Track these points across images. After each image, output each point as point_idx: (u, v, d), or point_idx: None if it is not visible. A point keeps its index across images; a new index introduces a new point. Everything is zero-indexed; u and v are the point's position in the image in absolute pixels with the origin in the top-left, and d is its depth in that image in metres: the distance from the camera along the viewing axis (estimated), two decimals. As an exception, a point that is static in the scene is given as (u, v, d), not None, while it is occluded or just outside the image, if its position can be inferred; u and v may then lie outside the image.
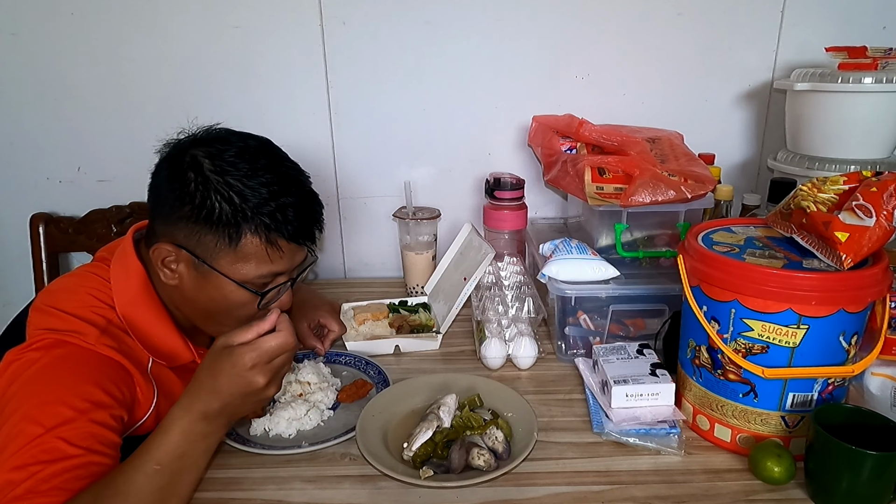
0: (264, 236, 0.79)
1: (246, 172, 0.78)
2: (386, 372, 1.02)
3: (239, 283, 0.80)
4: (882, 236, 0.73)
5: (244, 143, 0.81)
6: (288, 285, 0.86)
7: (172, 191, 0.78)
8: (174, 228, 0.79)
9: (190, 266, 0.80)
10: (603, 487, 0.78)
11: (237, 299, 0.82)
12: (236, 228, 0.77)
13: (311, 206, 0.85)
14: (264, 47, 1.34)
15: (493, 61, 1.35)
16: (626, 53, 1.35)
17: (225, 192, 0.77)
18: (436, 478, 0.77)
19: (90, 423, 0.70)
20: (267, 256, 0.80)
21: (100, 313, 0.80)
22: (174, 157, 0.79)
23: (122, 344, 0.79)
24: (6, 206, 1.46)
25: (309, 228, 0.84)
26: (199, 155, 0.78)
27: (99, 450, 0.70)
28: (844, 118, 1.16)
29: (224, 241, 0.78)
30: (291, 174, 0.83)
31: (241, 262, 0.79)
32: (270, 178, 0.79)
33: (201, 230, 0.78)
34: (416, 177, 1.42)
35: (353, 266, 1.53)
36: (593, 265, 1.04)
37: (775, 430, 0.80)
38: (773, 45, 1.35)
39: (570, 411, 0.94)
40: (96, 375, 0.74)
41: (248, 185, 0.77)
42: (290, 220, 0.80)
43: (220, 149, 0.79)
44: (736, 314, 0.77)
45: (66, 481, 0.66)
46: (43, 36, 1.33)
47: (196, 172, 0.77)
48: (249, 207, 0.77)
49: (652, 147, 1.16)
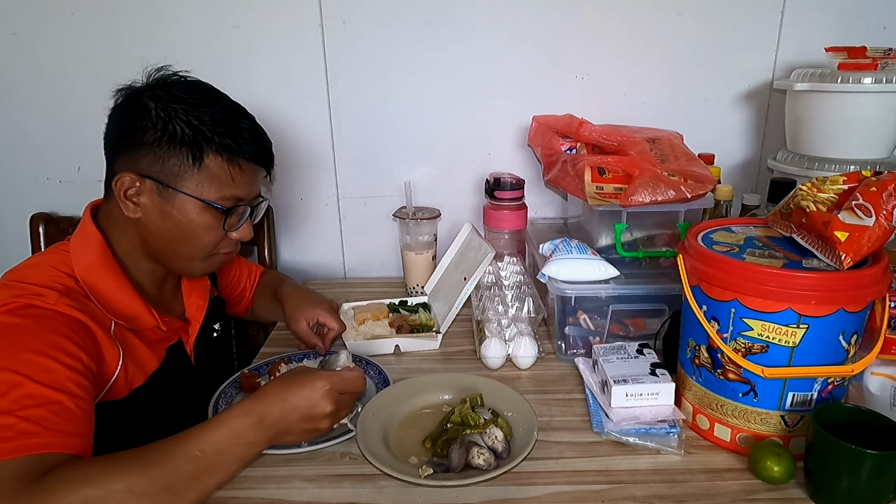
0: (226, 156, 0.84)
1: (200, 101, 0.84)
2: (386, 372, 1.01)
3: (204, 201, 0.84)
4: (882, 236, 0.73)
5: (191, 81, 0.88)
6: (248, 212, 0.91)
7: (133, 123, 0.82)
8: (136, 159, 0.83)
9: (153, 194, 0.84)
10: (603, 487, 0.78)
11: (202, 221, 0.86)
12: (199, 149, 0.83)
13: (262, 133, 0.91)
14: (264, 47, 1.34)
15: (493, 61, 1.36)
16: (626, 53, 1.35)
17: (184, 117, 0.82)
18: (436, 477, 0.77)
19: (64, 368, 0.72)
20: (229, 177, 0.85)
21: (60, 281, 0.82)
22: (131, 96, 0.84)
23: (84, 305, 0.81)
24: (6, 206, 1.46)
25: (264, 151, 0.91)
26: (155, 89, 0.84)
27: (77, 393, 0.72)
28: (844, 118, 1.16)
29: (188, 162, 0.83)
30: (238, 107, 0.90)
31: (205, 183, 0.84)
32: (222, 106, 0.86)
33: (165, 154, 0.82)
34: (416, 177, 1.42)
35: (353, 266, 1.53)
36: (593, 265, 1.04)
37: (775, 430, 0.80)
38: (773, 45, 1.35)
39: (570, 411, 0.94)
40: (60, 328, 0.76)
41: (204, 111, 0.83)
42: (248, 141, 0.86)
43: (173, 83, 0.86)
44: (736, 314, 0.77)
45: (55, 423, 0.68)
46: (43, 36, 1.33)
47: (156, 102, 0.82)
48: (209, 129, 0.83)
49: (652, 147, 1.16)
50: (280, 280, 1.23)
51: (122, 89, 0.86)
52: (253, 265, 1.26)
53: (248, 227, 0.92)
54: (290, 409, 0.75)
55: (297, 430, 0.76)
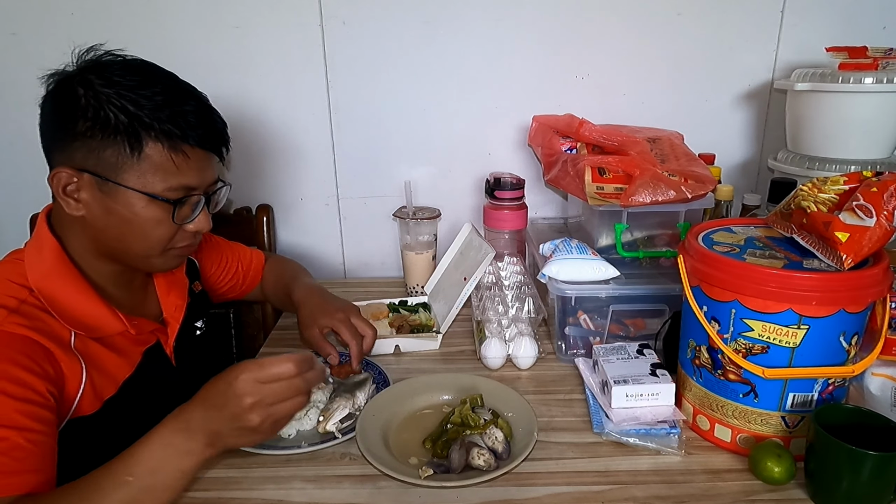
0: (167, 143, 0.76)
1: (137, 83, 0.75)
2: (386, 372, 1.01)
3: (149, 194, 0.77)
4: (882, 236, 0.73)
5: (130, 61, 0.79)
6: (202, 202, 0.83)
7: (63, 112, 0.75)
8: (70, 152, 0.76)
9: (94, 188, 0.77)
10: (603, 487, 0.77)
11: (150, 215, 0.78)
12: (136, 136, 0.74)
13: (211, 114, 0.82)
14: (264, 47, 1.34)
15: (493, 61, 1.35)
16: (626, 53, 1.35)
17: (118, 103, 0.74)
18: (436, 477, 0.77)
19: (14, 401, 0.67)
20: (173, 165, 0.77)
21: (11, 294, 0.75)
22: (61, 82, 0.77)
23: (36, 321, 0.75)
24: (6, 206, 1.46)
25: (213, 135, 0.81)
26: (85, 72, 0.76)
27: (28, 426, 0.67)
28: (845, 118, 1.16)
29: (125, 152, 0.75)
30: (185, 86, 0.81)
31: (147, 174, 0.76)
32: (164, 87, 0.77)
33: (99, 146, 0.74)
34: (416, 177, 1.42)
35: (353, 266, 1.53)
36: (593, 265, 1.04)
37: (775, 431, 0.80)
38: (773, 45, 1.35)
39: (570, 411, 0.94)
40: (9, 353, 0.70)
41: (141, 94, 0.75)
42: (193, 125, 0.77)
43: (106, 64, 0.77)
44: (736, 314, 0.77)
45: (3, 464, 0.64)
46: (43, 36, 1.33)
47: (86, 88, 0.74)
48: (146, 113, 0.75)
49: (652, 147, 1.16)
50: (292, 275, 1.15)
51: (51, 75, 0.78)
52: (248, 250, 1.19)
53: (204, 217, 0.84)
54: (210, 407, 0.67)
55: (229, 431, 0.68)
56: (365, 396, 0.93)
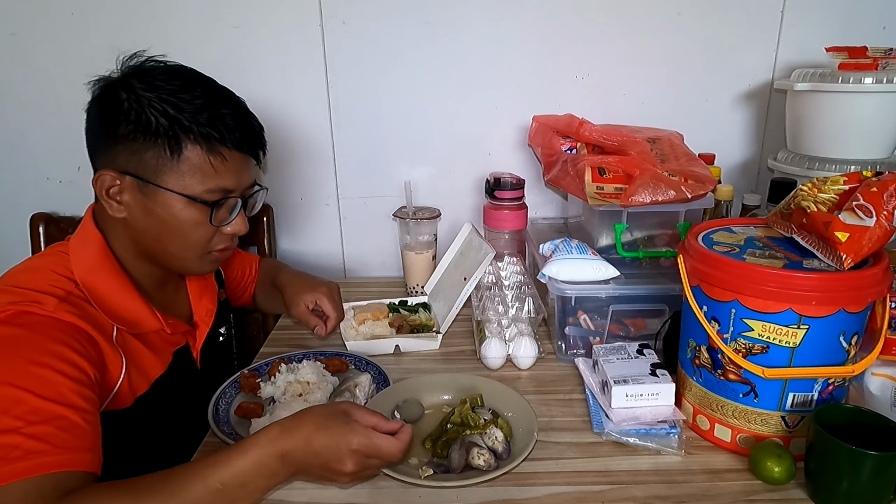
0: (205, 145, 0.78)
1: (178, 87, 0.78)
2: (386, 372, 1.01)
3: (187, 196, 0.79)
4: (882, 236, 0.73)
5: (172, 66, 0.83)
6: (239, 205, 0.85)
7: (106, 116, 0.78)
8: (113, 154, 0.79)
9: (135, 191, 0.79)
10: (603, 487, 0.77)
11: (188, 217, 0.81)
12: (176, 139, 0.77)
13: (249, 118, 0.85)
14: (264, 47, 1.34)
15: (493, 61, 1.35)
16: (626, 53, 1.35)
17: (159, 106, 0.77)
18: (436, 477, 0.77)
19: (67, 380, 0.69)
20: (211, 167, 0.79)
21: (59, 286, 0.78)
22: (105, 87, 0.80)
23: (84, 312, 0.77)
24: (6, 206, 1.46)
25: (250, 138, 0.84)
26: (128, 77, 0.79)
27: (82, 406, 0.69)
28: (844, 118, 1.16)
29: (165, 154, 0.77)
30: (224, 91, 0.84)
31: (186, 176, 0.79)
32: (203, 91, 0.80)
33: (140, 148, 0.77)
34: (416, 177, 1.42)
35: (353, 266, 1.53)
36: (593, 265, 1.04)
37: (775, 430, 0.80)
38: (773, 45, 1.35)
39: (570, 411, 0.94)
40: (61, 336, 0.72)
41: (182, 98, 0.78)
42: (231, 128, 0.80)
43: (149, 70, 0.80)
44: (736, 314, 0.77)
45: (63, 440, 0.65)
46: (43, 36, 1.33)
47: (128, 92, 0.77)
48: (185, 117, 0.77)
49: (652, 147, 1.16)
50: (277, 268, 1.21)
51: (97, 80, 0.81)
52: (249, 255, 1.24)
53: (241, 220, 0.86)
54: (313, 454, 0.68)
55: (316, 474, 0.70)
56: (365, 396, 0.93)
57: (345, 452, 0.67)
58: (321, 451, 0.67)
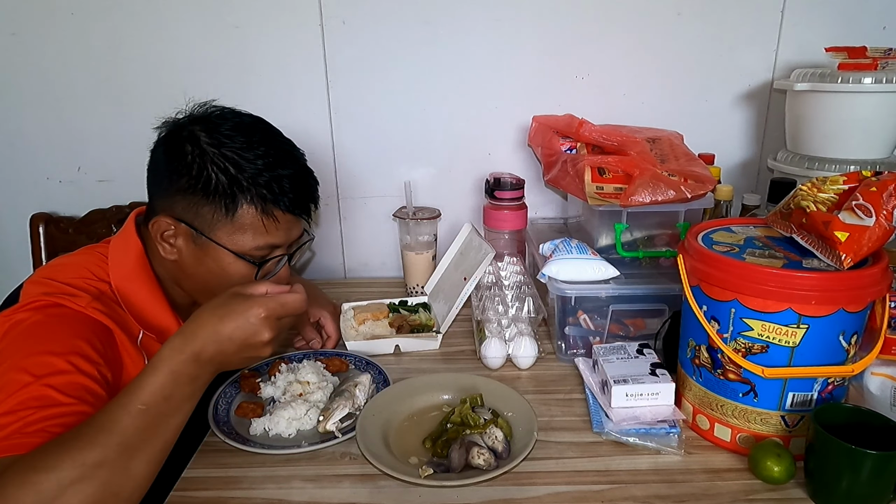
0: (260, 206, 0.82)
1: (242, 145, 0.81)
2: (386, 372, 1.01)
3: (237, 253, 0.82)
4: (882, 236, 0.73)
5: (239, 118, 0.85)
6: (285, 259, 0.89)
7: (170, 165, 0.81)
8: (172, 202, 0.82)
9: (189, 239, 0.83)
10: (603, 487, 0.78)
11: (235, 271, 0.84)
12: (233, 199, 0.80)
13: (306, 179, 0.88)
14: (264, 47, 1.34)
15: (493, 61, 1.35)
16: (626, 53, 1.35)
17: (221, 164, 0.80)
18: (436, 477, 0.77)
19: (79, 374, 0.71)
20: (263, 227, 0.83)
21: (93, 285, 0.81)
22: (172, 133, 0.83)
23: (113, 312, 0.80)
24: (6, 206, 1.46)
25: (304, 200, 0.87)
26: (195, 129, 0.81)
27: (87, 400, 0.71)
28: (844, 118, 1.16)
29: (221, 211, 0.81)
30: (286, 148, 0.87)
31: (238, 233, 0.82)
32: (266, 151, 0.82)
33: (199, 202, 0.80)
34: (416, 177, 1.42)
35: (353, 266, 1.53)
36: (593, 265, 1.04)
37: (775, 430, 0.80)
38: (773, 45, 1.35)
39: (570, 411, 0.94)
40: (85, 332, 0.75)
41: (244, 157, 0.80)
42: (286, 191, 0.83)
43: (216, 123, 0.82)
44: (736, 314, 0.77)
45: (53, 426, 0.66)
46: (43, 36, 1.33)
47: (193, 145, 0.80)
48: (245, 178, 0.80)
49: (652, 147, 1.16)
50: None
51: (165, 123, 0.84)
52: None
53: (285, 271, 0.90)
54: (226, 340, 0.69)
55: (238, 360, 0.71)
56: (365, 396, 0.93)
57: (256, 324, 0.69)
58: (234, 334, 0.69)
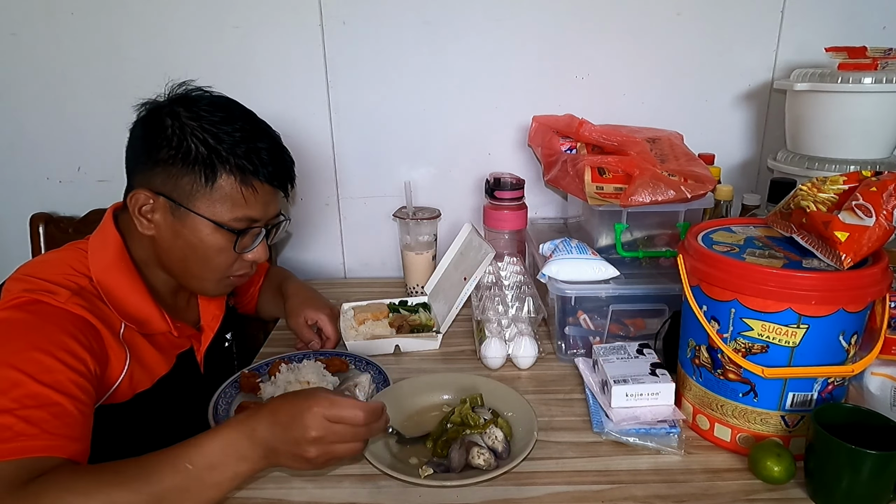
0: (239, 177, 0.83)
1: (221, 118, 0.83)
2: (386, 372, 1.01)
3: (216, 222, 0.83)
4: (882, 236, 0.73)
5: (217, 97, 0.87)
6: (262, 234, 0.90)
7: (149, 139, 0.82)
8: (151, 175, 0.83)
9: (167, 212, 0.83)
10: (603, 487, 0.78)
11: (213, 242, 0.85)
12: (212, 169, 0.81)
13: (282, 153, 0.89)
14: (264, 47, 1.34)
15: (493, 61, 1.35)
16: (626, 53, 1.35)
17: (200, 135, 0.81)
18: (436, 477, 0.77)
19: (67, 369, 0.71)
20: (242, 198, 0.84)
21: (73, 280, 0.81)
22: (152, 111, 0.84)
23: (94, 306, 0.80)
24: (6, 206, 1.46)
25: (282, 173, 0.88)
26: (175, 105, 0.83)
27: (78, 396, 0.71)
28: (844, 118, 1.16)
29: (200, 181, 0.82)
30: (262, 125, 0.88)
31: (217, 204, 0.83)
32: (242, 125, 0.84)
33: (178, 172, 0.81)
34: (416, 177, 1.42)
35: (353, 266, 1.53)
36: (593, 265, 1.04)
37: (775, 430, 0.80)
38: (773, 45, 1.35)
39: (570, 411, 0.94)
40: (68, 327, 0.75)
41: (223, 129, 0.82)
42: (266, 163, 0.84)
43: (195, 99, 0.85)
44: (736, 314, 0.77)
45: (54, 426, 0.67)
46: (43, 36, 1.33)
47: (173, 119, 0.82)
48: (224, 148, 0.82)
49: (652, 147, 1.16)
50: (285, 276, 1.24)
51: (145, 104, 0.85)
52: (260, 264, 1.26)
53: (262, 248, 0.91)
54: (276, 424, 0.68)
55: (286, 453, 0.68)
56: (365, 396, 0.93)
57: (306, 417, 0.67)
58: (284, 420, 0.68)
